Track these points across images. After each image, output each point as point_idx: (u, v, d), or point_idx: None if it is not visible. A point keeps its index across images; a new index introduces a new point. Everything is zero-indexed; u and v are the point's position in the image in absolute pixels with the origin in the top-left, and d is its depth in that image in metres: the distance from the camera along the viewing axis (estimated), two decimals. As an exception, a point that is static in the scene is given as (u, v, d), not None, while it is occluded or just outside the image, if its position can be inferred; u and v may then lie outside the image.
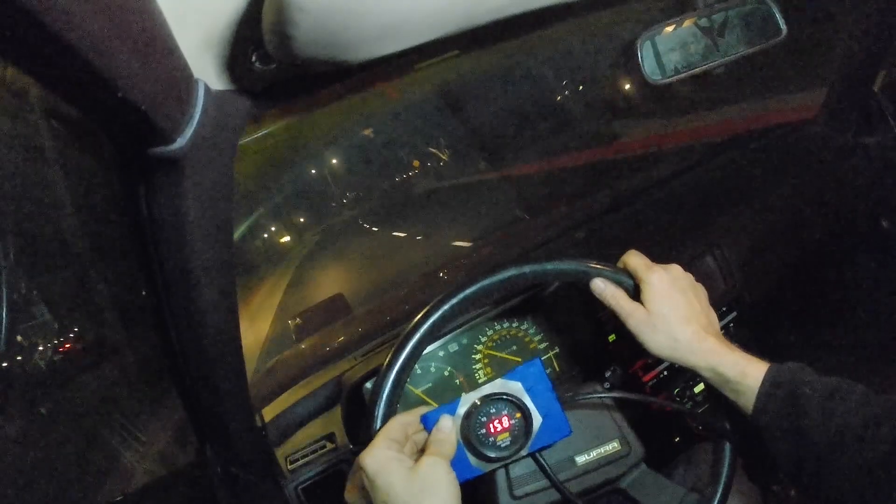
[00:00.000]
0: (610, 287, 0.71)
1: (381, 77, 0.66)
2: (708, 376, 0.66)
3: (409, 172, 10.13)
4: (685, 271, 0.72)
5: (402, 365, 0.69)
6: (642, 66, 0.84)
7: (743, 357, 0.65)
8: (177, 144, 0.48)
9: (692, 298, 0.69)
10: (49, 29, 0.30)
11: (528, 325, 1.03)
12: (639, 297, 0.69)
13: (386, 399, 0.68)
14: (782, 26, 0.86)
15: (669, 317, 0.67)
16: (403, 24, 0.50)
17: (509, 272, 0.72)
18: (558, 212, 2.05)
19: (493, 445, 0.66)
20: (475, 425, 0.66)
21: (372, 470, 0.58)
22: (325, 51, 0.48)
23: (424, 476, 0.57)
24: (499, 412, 0.67)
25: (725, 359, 0.65)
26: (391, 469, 0.58)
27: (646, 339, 0.67)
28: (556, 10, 0.63)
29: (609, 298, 0.70)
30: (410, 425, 0.65)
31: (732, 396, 0.65)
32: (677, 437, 1.06)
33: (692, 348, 0.66)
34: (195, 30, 0.47)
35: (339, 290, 2.40)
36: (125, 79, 0.38)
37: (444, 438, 0.63)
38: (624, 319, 0.69)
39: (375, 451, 0.59)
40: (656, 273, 0.69)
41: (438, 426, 0.64)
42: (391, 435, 0.62)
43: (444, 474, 0.58)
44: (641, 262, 0.71)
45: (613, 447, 0.76)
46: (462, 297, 0.71)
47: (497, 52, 2.88)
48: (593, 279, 0.72)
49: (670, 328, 0.66)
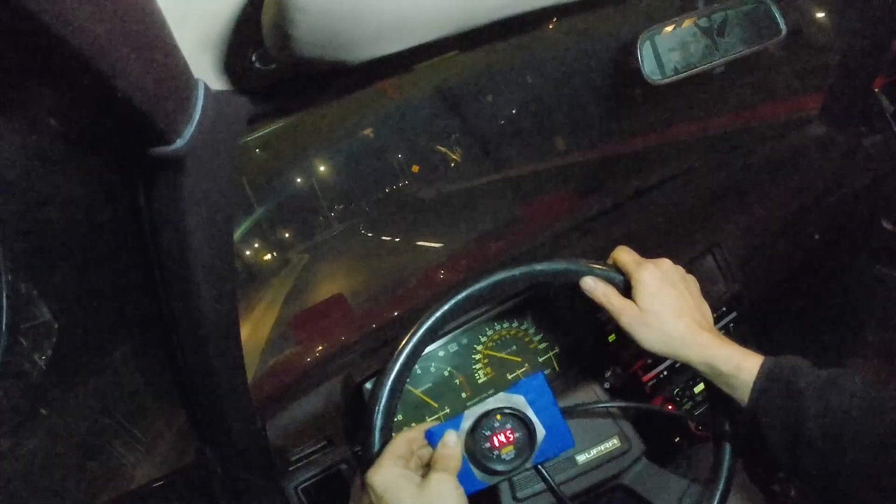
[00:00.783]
0: (600, 285, 0.70)
1: (381, 77, 0.66)
2: (702, 370, 0.66)
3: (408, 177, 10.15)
4: (675, 264, 0.72)
5: (402, 363, 0.69)
6: (642, 66, 0.84)
7: (737, 350, 0.64)
8: (177, 144, 0.48)
9: (684, 292, 0.69)
10: (49, 29, 0.30)
11: (528, 325, 1.03)
12: (630, 293, 0.69)
13: (383, 409, 0.67)
14: (782, 26, 0.86)
15: (661, 312, 0.66)
16: (403, 24, 0.50)
17: (498, 276, 0.71)
18: (558, 212, 2.05)
19: (497, 459, 0.67)
20: (479, 439, 0.67)
21: (381, 488, 0.58)
22: (325, 51, 0.48)
23: (434, 492, 0.58)
24: (502, 426, 0.67)
25: (719, 352, 0.64)
26: (400, 486, 0.58)
27: (639, 336, 0.67)
28: (556, 10, 0.63)
29: (600, 296, 0.70)
30: (415, 441, 0.65)
31: (727, 390, 0.65)
32: (677, 437, 1.06)
33: (685, 342, 0.65)
34: (195, 30, 0.47)
35: (340, 291, 2.40)
36: (125, 79, 0.38)
37: (450, 454, 0.63)
38: (616, 317, 0.68)
39: (383, 470, 0.59)
40: (646, 269, 0.68)
41: (443, 441, 0.64)
42: (397, 452, 0.62)
43: (452, 489, 0.59)
44: (631, 259, 0.71)
45: (613, 444, 0.77)
46: (453, 303, 0.70)
47: (497, 53, 2.88)
48: (583, 277, 0.71)
49: (662, 324, 0.66)
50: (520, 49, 5.03)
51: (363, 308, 2.61)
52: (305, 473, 0.94)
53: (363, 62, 0.52)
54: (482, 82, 7.36)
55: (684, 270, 0.72)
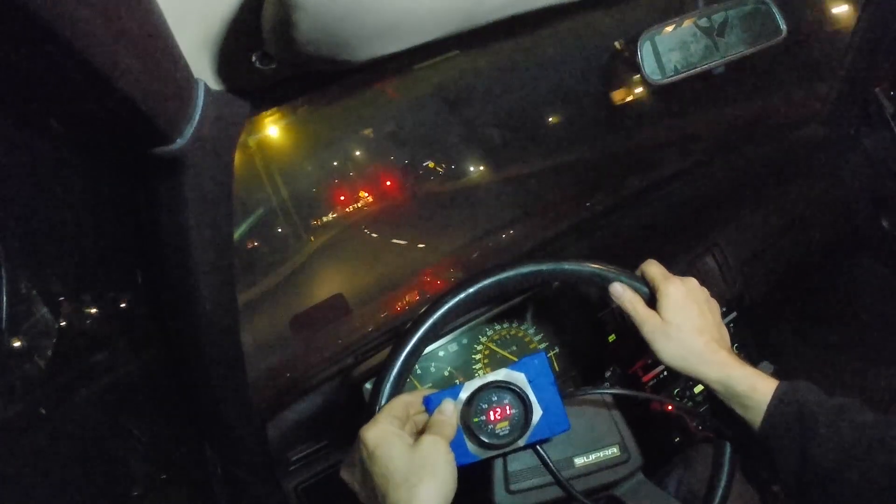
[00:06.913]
0: (628, 292, 0.72)
1: (381, 77, 0.66)
2: (717, 389, 0.67)
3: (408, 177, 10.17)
4: (700, 285, 0.73)
5: (403, 362, 0.69)
6: (642, 67, 0.84)
7: (753, 372, 0.66)
8: (177, 144, 0.48)
9: (706, 312, 0.71)
10: (50, 29, 0.30)
11: (528, 325, 1.03)
12: (654, 305, 0.70)
13: (386, 398, 0.68)
14: (782, 26, 0.86)
15: (683, 327, 0.68)
16: (403, 24, 0.50)
17: (528, 268, 0.72)
18: (559, 212, 2.05)
19: (491, 433, 0.66)
20: (476, 412, 0.66)
21: (373, 443, 0.58)
22: (325, 51, 0.48)
23: (425, 453, 0.58)
24: (500, 401, 0.67)
25: (736, 372, 0.65)
26: (392, 443, 0.58)
27: (659, 348, 0.68)
28: (556, 10, 0.63)
29: (626, 303, 0.71)
30: (412, 405, 0.65)
31: (740, 410, 0.66)
32: (677, 438, 1.06)
33: (704, 359, 0.67)
34: (195, 30, 0.47)
35: (339, 291, 2.40)
36: (125, 79, 0.38)
37: (446, 420, 0.63)
38: (639, 325, 0.70)
39: (377, 425, 0.60)
40: (673, 284, 0.70)
41: (440, 408, 0.65)
42: (394, 412, 0.62)
43: (443, 454, 0.59)
44: (659, 272, 0.73)
45: (613, 452, 0.76)
46: (476, 289, 0.71)
47: (497, 53, 2.89)
48: (612, 283, 0.73)
49: (683, 338, 0.67)
50: (520, 49, 5.02)
51: (363, 308, 2.61)
52: (305, 473, 0.94)
53: (363, 62, 0.52)
54: (482, 82, 7.36)
55: (709, 293, 0.74)
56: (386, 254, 6.16)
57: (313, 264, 7.49)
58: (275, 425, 0.97)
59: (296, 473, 0.94)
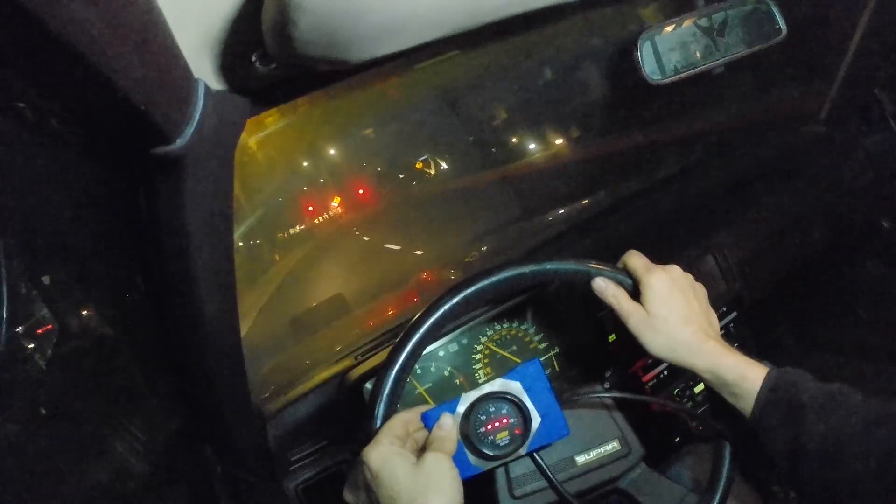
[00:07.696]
0: (611, 286, 0.71)
1: (381, 77, 0.66)
2: (707, 378, 0.66)
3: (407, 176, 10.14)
4: (684, 272, 0.72)
5: (402, 363, 0.69)
6: (642, 66, 0.84)
7: (743, 360, 0.65)
8: (177, 144, 0.48)
9: (692, 299, 0.69)
10: (50, 29, 0.30)
11: (528, 325, 1.03)
12: (638, 297, 0.69)
13: (386, 398, 0.68)
14: (782, 26, 0.86)
15: (669, 318, 0.67)
16: (403, 24, 0.50)
17: (509, 272, 0.71)
18: (558, 212, 2.05)
19: (491, 444, 0.66)
20: (475, 424, 0.66)
21: (376, 464, 0.58)
22: (325, 51, 0.48)
23: (429, 471, 0.58)
24: (498, 411, 0.67)
25: (725, 361, 0.64)
26: (395, 463, 0.58)
27: (646, 340, 0.67)
28: (556, 10, 0.63)
29: (610, 298, 0.70)
30: (411, 423, 0.65)
31: (731, 399, 0.65)
32: (677, 437, 1.06)
33: (692, 349, 0.66)
34: (195, 30, 0.47)
35: (339, 291, 2.40)
36: (125, 79, 0.38)
37: (445, 436, 0.63)
38: (624, 319, 0.69)
39: (379, 446, 0.60)
40: (656, 274, 0.69)
41: (439, 424, 0.64)
42: (394, 431, 0.62)
43: (448, 470, 0.59)
44: (641, 263, 0.71)
45: (613, 447, 0.76)
46: (462, 297, 0.71)
47: (497, 53, 2.88)
48: (594, 278, 0.71)
49: (670, 329, 0.66)
50: (520, 49, 5.03)
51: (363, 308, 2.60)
52: (305, 473, 0.94)
53: (363, 62, 0.52)
54: (482, 82, 7.36)
55: (693, 278, 0.73)
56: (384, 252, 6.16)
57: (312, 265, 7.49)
58: (275, 425, 0.97)
59: (296, 473, 0.94)
